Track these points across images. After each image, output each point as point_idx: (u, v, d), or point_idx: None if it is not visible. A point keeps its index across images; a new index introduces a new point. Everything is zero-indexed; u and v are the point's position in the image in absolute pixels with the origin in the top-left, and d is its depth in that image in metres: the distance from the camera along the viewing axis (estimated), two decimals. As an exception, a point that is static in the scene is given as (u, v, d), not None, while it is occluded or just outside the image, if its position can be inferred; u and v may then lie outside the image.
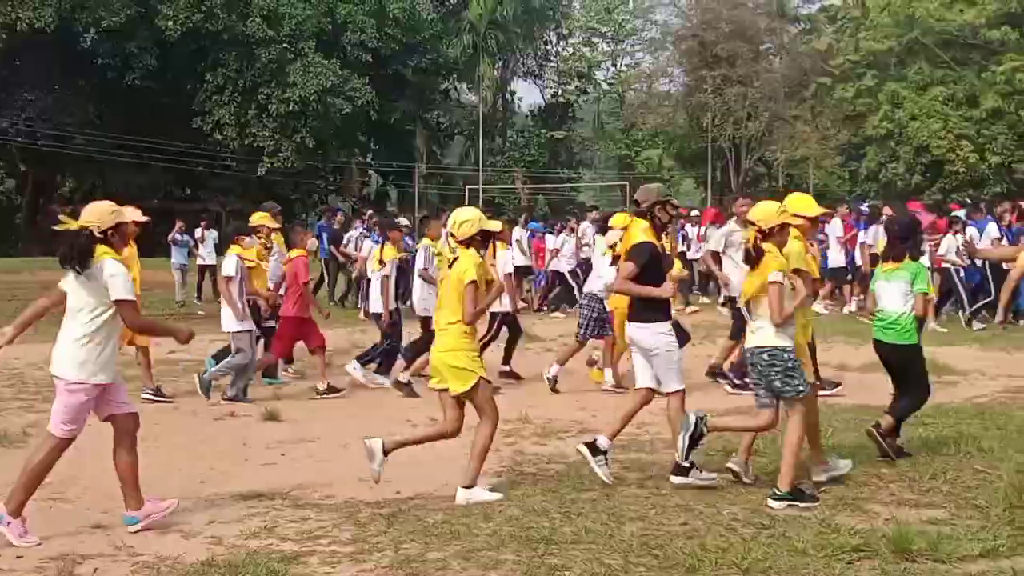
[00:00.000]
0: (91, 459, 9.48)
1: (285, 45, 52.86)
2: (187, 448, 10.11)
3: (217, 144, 55.34)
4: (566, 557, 6.38)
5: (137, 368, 12.73)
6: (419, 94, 64.10)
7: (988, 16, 52.85)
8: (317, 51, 53.36)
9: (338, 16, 55.99)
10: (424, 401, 12.36)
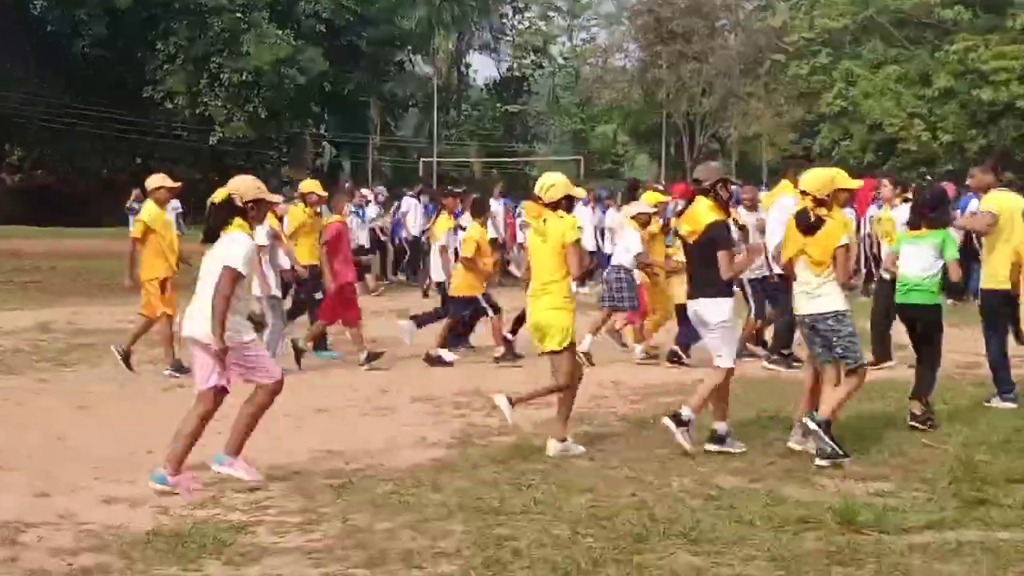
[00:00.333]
0: (35, 429, 9.41)
1: (238, 14, 52.31)
2: (135, 418, 10.00)
3: (168, 113, 54.82)
4: (515, 528, 6.37)
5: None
6: (374, 66, 63.67)
7: (942, -5, 53.26)
8: (271, 21, 52.85)
9: (293, -15, 55.58)
10: (381, 373, 12.35)
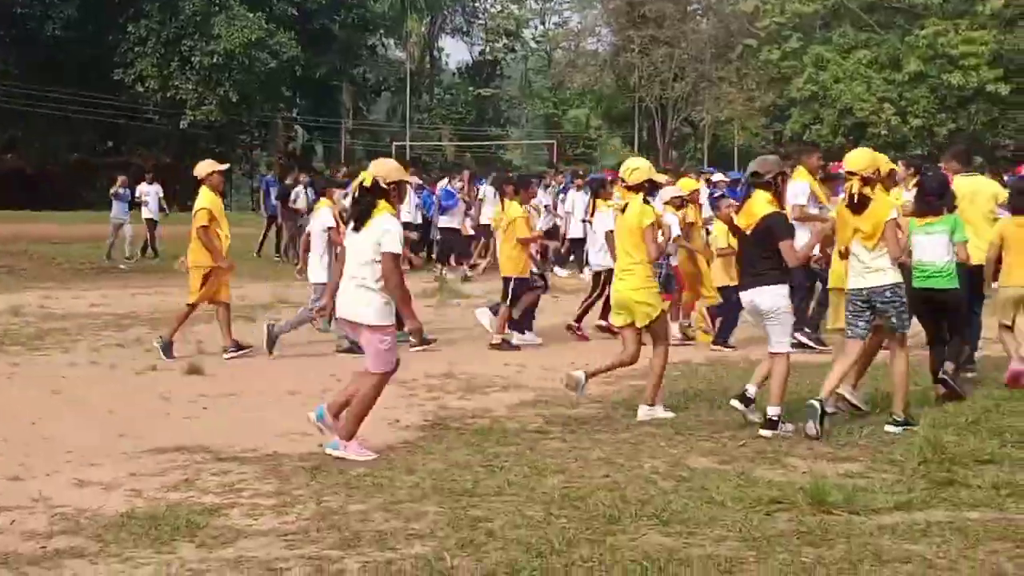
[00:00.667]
0: (8, 413, 9.38)
1: (210, -3, 52.12)
2: (107, 402, 9.98)
3: (139, 97, 54.48)
4: (488, 509, 6.40)
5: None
6: (346, 49, 63.50)
7: (912, -20, 53.46)
8: (242, 4, 52.67)
9: (264, -31, 55.29)
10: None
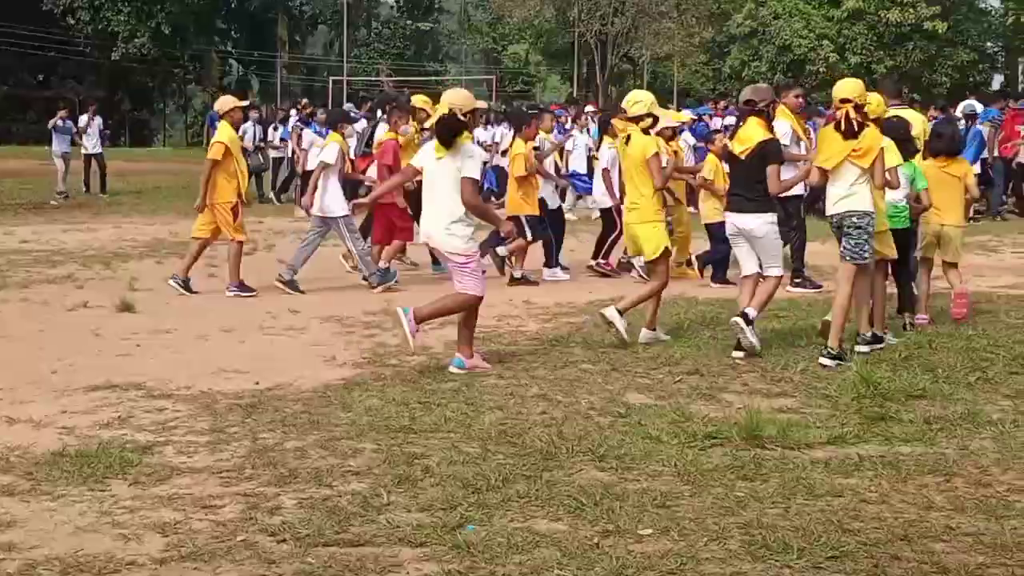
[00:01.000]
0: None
1: (142, -74, 51.05)
2: (38, 338, 9.86)
3: (70, 29, 53.39)
4: (425, 445, 6.39)
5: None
6: (281, -19, 62.66)
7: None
8: (175, -67, 51.64)
9: None
10: (290, 296, 12.23)
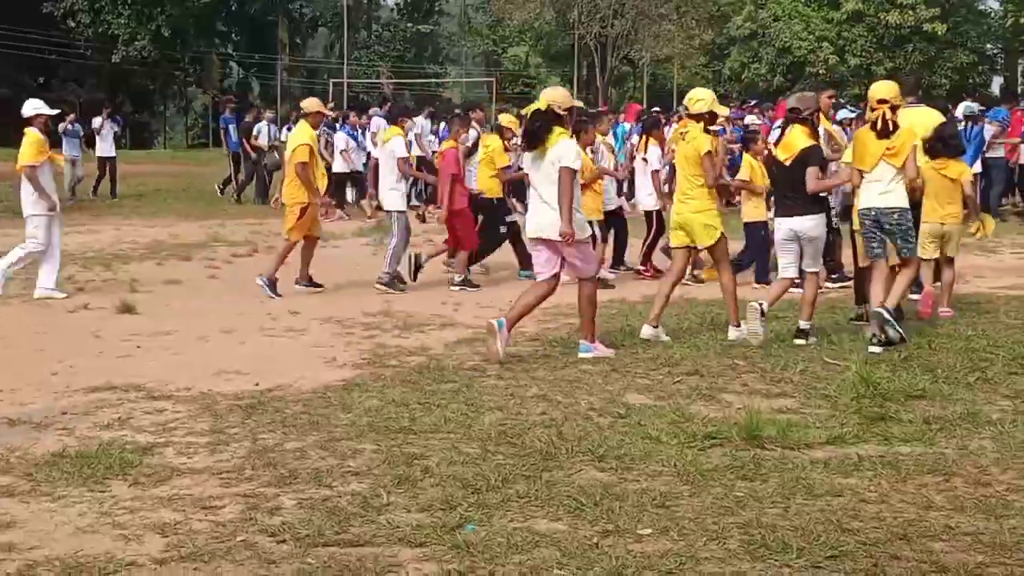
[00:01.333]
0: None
1: (142, -71, 51.06)
2: (39, 340, 9.88)
3: (71, 32, 53.40)
4: (424, 446, 6.39)
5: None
6: (281, -16, 62.69)
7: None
8: (174, -64, 51.65)
9: (197, -100, 54.15)
10: (288, 297, 12.25)
